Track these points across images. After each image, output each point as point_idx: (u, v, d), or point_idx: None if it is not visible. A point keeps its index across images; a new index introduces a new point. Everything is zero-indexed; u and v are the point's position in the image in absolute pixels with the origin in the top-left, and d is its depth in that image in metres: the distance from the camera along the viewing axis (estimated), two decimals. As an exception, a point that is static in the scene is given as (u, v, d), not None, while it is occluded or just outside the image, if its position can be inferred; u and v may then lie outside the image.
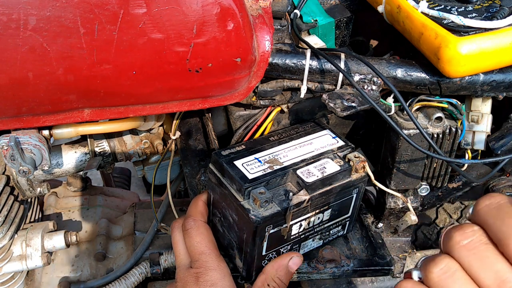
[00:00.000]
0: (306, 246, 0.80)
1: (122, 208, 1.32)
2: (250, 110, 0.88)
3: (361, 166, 0.75)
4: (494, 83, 0.77)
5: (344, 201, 0.78)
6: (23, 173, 0.76)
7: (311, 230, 0.77)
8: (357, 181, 0.76)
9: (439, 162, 0.87)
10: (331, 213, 0.77)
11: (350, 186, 0.76)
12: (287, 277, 0.72)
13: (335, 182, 0.74)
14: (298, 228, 0.74)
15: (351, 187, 0.76)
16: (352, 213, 0.81)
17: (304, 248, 0.80)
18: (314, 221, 0.76)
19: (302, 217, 0.73)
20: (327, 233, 0.81)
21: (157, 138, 1.02)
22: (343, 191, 0.76)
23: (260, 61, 0.73)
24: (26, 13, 0.60)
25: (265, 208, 0.68)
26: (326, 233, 0.81)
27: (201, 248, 0.74)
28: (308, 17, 0.87)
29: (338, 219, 0.80)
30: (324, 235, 0.81)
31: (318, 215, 0.75)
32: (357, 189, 0.77)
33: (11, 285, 1.05)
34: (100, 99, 0.71)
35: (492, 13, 0.75)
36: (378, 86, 0.77)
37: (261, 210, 0.67)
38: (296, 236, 0.75)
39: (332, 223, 0.80)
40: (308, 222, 0.75)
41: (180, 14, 0.63)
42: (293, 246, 0.77)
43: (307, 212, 0.72)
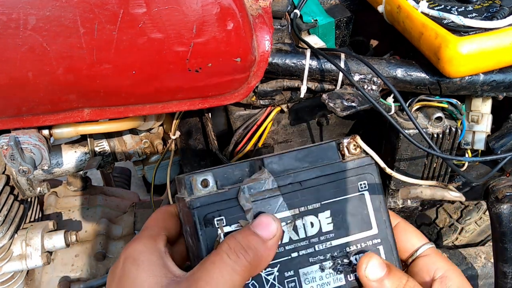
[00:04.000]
0: (310, 277, 0.55)
1: (122, 208, 1.32)
2: (250, 110, 0.88)
3: (352, 144, 0.57)
4: (494, 83, 0.77)
5: (350, 202, 0.57)
6: (23, 173, 0.76)
7: (308, 246, 0.55)
8: (355, 166, 0.57)
9: (439, 162, 0.87)
10: (334, 220, 0.56)
11: (347, 175, 0.57)
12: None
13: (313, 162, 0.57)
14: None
15: (350, 177, 0.57)
16: (381, 230, 0.57)
17: (309, 281, 0.54)
18: (306, 228, 0.55)
19: (277, 214, 0.54)
20: (347, 260, 0.56)
21: (157, 138, 1.02)
22: (339, 183, 0.56)
23: (260, 61, 0.73)
24: (26, 12, 0.60)
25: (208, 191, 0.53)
26: (343, 259, 0.56)
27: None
28: (308, 17, 0.87)
29: (354, 235, 0.56)
30: (342, 263, 0.56)
31: (307, 217, 0.55)
32: (364, 182, 0.57)
33: (11, 285, 1.05)
34: (100, 99, 0.71)
35: (492, 13, 0.75)
36: (378, 86, 0.77)
37: (201, 193, 0.53)
38: (281, 250, 0.54)
39: (346, 240, 0.56)
40: (293, 226, 0.55)
41: (180, 14, 0.63)
42: (284, 270, 0.54)
43: (282, 206, 0.55)
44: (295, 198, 0.55)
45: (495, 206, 0.94)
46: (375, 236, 0.57)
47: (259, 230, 0.51)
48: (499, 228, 0.94)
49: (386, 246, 0.57)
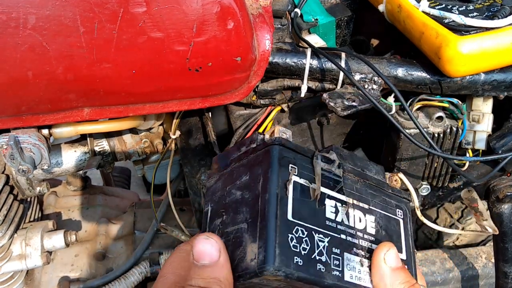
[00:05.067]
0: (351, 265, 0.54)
1: (122, 208, 1.32)
2: (250, 110, 0.87)
3: (394, 178, 0.63)
4: (495, 83, 0.77)
5: (390, 220, 0.60)
6: (22, 172, 0.76)
7: (354, 236, 0.56)
8: (397, 194, 0.63)
9: (439, 161, 0.87)
10: (376, 227, 0.58)
11: (390, 197, 0.62)
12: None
13: (368, 170, 0.62)
14: (334, 212, 0.56)
15: (392, 200, 0.62)
16: (408, 257, 0.60)
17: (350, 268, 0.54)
18: (355, 220, 0.57)
19: (336, 193, 0.57)
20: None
21: (157, 137, 1.02)
22: (384, 199, 0.61)
23: (260, 60, 0.73)
24: (26, 12, 0.59)
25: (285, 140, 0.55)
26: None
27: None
28: (309, 16, 0.87)
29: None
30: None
31: (358, 212, 0.58)
32: (401, 211, 0.62)
33: (11, 285, 1.05)
34: (100, 98, 0.70)
35: (493, 12, 0.75)
36: (378, 85, 0.77)
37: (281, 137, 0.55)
38: (334, 225, 0.55)
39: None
40: (346, 212, 0.56)
41: (180, 13, 0.63)
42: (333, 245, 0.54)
43: (341, 190, 0.57)
44: (352, 190, 0.58)
45: (496, 206, 0.94)
46: (404, 261, 0.59)
47: (203, 259, 0.50)
48: (500, 228, 0.93)
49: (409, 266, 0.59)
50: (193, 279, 0.50)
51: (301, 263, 0.50)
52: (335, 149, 0.59)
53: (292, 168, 0.54)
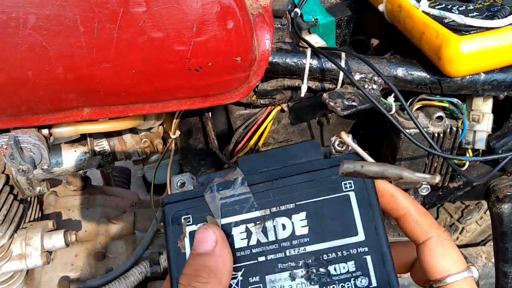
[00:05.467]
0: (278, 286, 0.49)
1: (122, 208, 1.32)
2: (250, 109, 0.87)
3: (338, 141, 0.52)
4: (495, 83, 0.77)
5: (331, 203, 0.51)
6: (22, 172, 0.76)
7: (278, 250, 0.50)
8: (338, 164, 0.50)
9: (440, 161, 0.87)
10: (311, 223, 0.50)
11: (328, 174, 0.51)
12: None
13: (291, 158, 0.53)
14: (246, 237, 0.51)
15: (332, 176, 0.51)
16: (370, 236, 0.49)
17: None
18: (277, 230, 0.51)
19: (245, 214, 0.51)
20: (323, 270, 0.49)
21: (157, 137, 1.02)
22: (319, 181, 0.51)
23: (260, 60, 0.73)
24: (26, 11, 0.59)
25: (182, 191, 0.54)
26: (319, 268, 0.49)
27: None
28: (309, 16, 0.87)
29: (334, 241, 0.50)
30: (317, 273, 0.49)
31: (279, 219, 0.51)
32: (350, 181, 0.51)
33: (11, 284, 1.05)
34: (100, 98, 0.70)
35: (493, 12, 0.75)
36: (378, 85, 0.77)
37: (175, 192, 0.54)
38: (247, 253, 0.50)
39: (324, 246, 0.50)
40: (262, 228, 0.51)
41: (180, 12, 0.63)
42: (249, 276, 0.50)
43: (252, 207, 0.52)
44: (267, 198, 0.52)
45: (496, 205, 0.94)
46: (362, 244, 0.49)
47: (199, 248, 0.49)
48: (500, 228, 0.93)
49: (375, 256, 0.49)
50: (187, 267, 0.49)
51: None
52: (240, 162, 0.54)
53: (185, 219, 0.52)
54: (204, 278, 0.47)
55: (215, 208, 0.52)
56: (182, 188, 0.54)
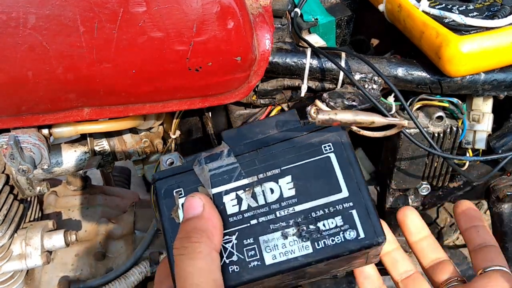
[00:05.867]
0: (271, 245, 0.52)
1: (122, 207, 1.32)
2: (250, 109, 0.87)
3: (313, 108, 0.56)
4: (495, 82, 0.77)
5: (313, 165, 0.55)
6: (22, 172, 0.76)
7: (268, 213, 0.53)
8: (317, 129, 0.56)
9: (439, 161, 0.87)
10: (297, 185, 0.54)
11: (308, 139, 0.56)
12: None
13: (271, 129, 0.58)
14: (237, 203, 0.54)
15: (311, 140, 0.56)
16: (353, 192, 0.53)
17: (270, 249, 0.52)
18: (266, 194, 0.54)
19: (234, 182, 0.55)
20: (313, 226, 0.52)
21: (157, 137, 1.02)
22: (299, 147, 0.55)
23: (260, 60, 0.73)
24: (26, 11, 0.59)
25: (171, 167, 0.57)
26: (309, 225, 0.53)
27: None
28: (309, 15, 0.87)
29: (320, 199, 0.53)
30: (307, 230, 0.52)
31: (266, 184, 0.54)
32: (328, 144, 0.55)
33: (11, 284, 1.05)
34: (100, 98, 0.70)
35: (493, 12, 0.75)
36: (378, 85, 0.77)
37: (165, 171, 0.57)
38: (239, 218, 0.54)
39: (312, 205, 0.53)
40: (252, 194, 0.54)
41: (180, 12, 0.63)
42: (243, 238, 0.53)
43: (240, 175, 0.55)
44: (253, 166, 0.55)
45: (496, 205, 0.94)
46: (346, 200, 0.53)
47: (188, 214, 0.52)
48: (500, 228, 0.93)
49: (360, 209, 0.52)
50: (179, 232, 0.52)
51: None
52: (225, 135, 0.59)
53: (176, 192, 0.55)
54: (195, 238, 0.50)
55: (205, 179, 0.55)
56: (171, 166, 0.57)
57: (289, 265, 0.51)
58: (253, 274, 0.51)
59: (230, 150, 0.56)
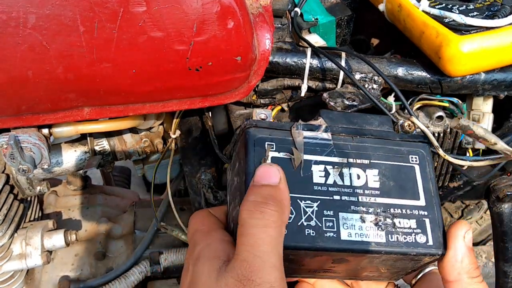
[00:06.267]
0: (349, 224, 0.54)
1: (122, 207, 1.32)
2: (251, 109, 0.87)
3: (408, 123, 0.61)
4: (495, 82, 0.77)
5: (400, 169, 0.58)
6: (22, 172, 0.76)
7: (351, 194, 0.56)
8: (408, 139, 0.61)
9: (440, 161, 0.87)
10: (382, 180, 0.57)
11: (399, 145, 0.60)
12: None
13: (368, 124, 0.61)
14: (324, 176, 0.56)
15: (402, 148, 0.59)
16: (429, 203, 0.57)
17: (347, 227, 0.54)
18: (352, 177, 0.57)
19: (325, 157, 0.57)
20: (390, 221, 0.55)
21: (157, 137, 1.02)
22: (391, 149, 0.59)
23: (260, 60, 0.73)
24: (26, 11, 0.59)
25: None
26: (386, 218, 0.55)
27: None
28: (309, 15, 0.87)
29: (400, 199, 0.57)
30: (384, 222, 0.55)
31: (356, 169, 0.57)
32: (416, 156, 0.59)
33: (11, 284, 1.05)
34: (100, 98, 0.70)
35: (493, 11, 0.75)
36: (379, 85, 0.77)
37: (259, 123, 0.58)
38: (324, 189, 0.56)
39: (391, 202, 0.56)
40: (339, 172, 0.56)
41: (180, 12, 0.62)
42: (324, 208, 0.54)
43: (331, 152, 0.57)
44: (346, 149, 0.58)
45: (496, 205, 0.94)
46: (422, 208, 0.57)
47: (265, 180, 0.52)
48: (500, 228, 0.93)
49: (432, 221, 0.56)
50: (251, 195, 0.51)
51: (286, 233, 0.51)
52: (323, 114, 0.61)
53: (269, 145, 0.56)
54: (272, 205, 0.49)
55: (299, 143, 0.57)
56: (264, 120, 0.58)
57: (362, 247, 0.53)
58: (327, 243, 0.53)
59: (328, 127, 0.59)
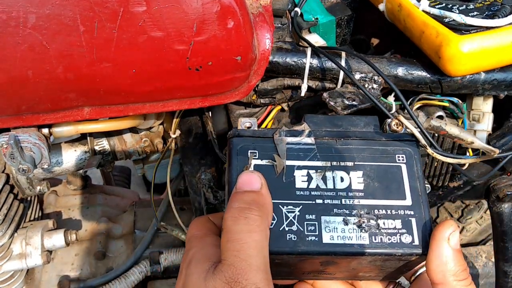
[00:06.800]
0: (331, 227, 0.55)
1: (122, 207, 1.32)
2: (251, 109, 0.87)
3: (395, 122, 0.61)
4: (495, 82, 0.77)
5: (385, 169, 0.58)
6: (22, 172, 0.76)
7: (334, 197, 0.56)
8: (395, 139, 0.60)
9: (439, 160, 0.87)
10: (366, 181, 0.57)
11: (385, 145, 0.59)
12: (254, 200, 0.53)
13: (353, 126, 0.61)
14: (307, 180, 0.57)
15: (388, 147, 0.59)
16: (416, 203, 0.57)
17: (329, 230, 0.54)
18: (336, 180, 0.57)
19: (308, 161, 0.58)
20: (374, 222, 0.55)
21: (157, 137, 1.02)
22: (376, 149, 0.59)
23: (260, 60, 0.73)
24: (26, 11, 0.59)
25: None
26: (370, 220, 0.55)
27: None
28: (309, 15, 0.87)
29: (385, 200, 0.56)
30: (367, 223, 0.55)
31: (340, 172, 0.57)
32: (402, 155, 0.59)
33: (11, 284, 1.05)
34: (100, 98, 0.70)
35: (493, 11, 0.75)
36: (379, 84, 0.77)
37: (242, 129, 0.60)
38: (306, 193, 0.56)
39: (376, 203, 0.56)
40: (322, 176, 0.57)
41: (180, 12, 0.62)
42: (306, 213, 0.55)
43: (314, 157, 0.58)
44: (329, 152, 0.58)
45: (496, 205, 0.94)
46: (408, 208, 0.56)
47: (247, 187, 0.53)
48: (500, 227, 0.93)
49: (419, 220, 0.56)
50: (235, 202, 0.52)
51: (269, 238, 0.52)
52: (307, 118, 0.61)
53: (251, 153, 0.58)
54: (256, 211, 0.51)
55: (282, 149, 0.58)
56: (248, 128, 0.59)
57: (344, 249, 0.54)
58: (309, 247, 0.54)
59: (311, 132, 0.59)
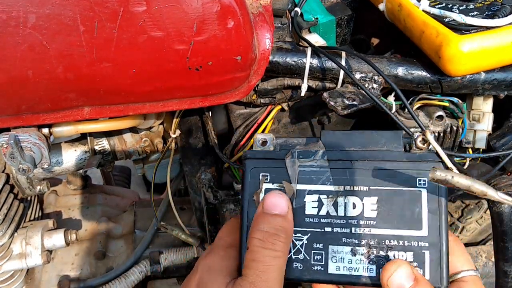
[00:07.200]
0: (338, 257, 0.53)
1: (122, 207, 1.32)
2: (251, 109, 0.87)
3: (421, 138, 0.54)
4: (496, 82, 0.77)
5: (403, 195, 0.53)
6: (22, 171, 0.76)
7: (344, 225, 0.54)
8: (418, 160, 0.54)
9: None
10: (380, 208, 0.53)
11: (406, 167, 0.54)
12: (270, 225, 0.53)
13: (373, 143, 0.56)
14: (317, 206, 0.55)
15: (409, 169, 0.54)
16: (433, 234, 0.52)
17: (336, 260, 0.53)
18: (347, 207, 0.54)
19: (320, 185, 0.55)
20: (383, 253, 0.53)
21: (157, 137, 1.02)
22: (394, 172, 0.54)
23: (260, 59, 0.73)
24: (26, 11, 0.59)
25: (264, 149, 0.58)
26: (380, 251, 0.53)
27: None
28: (309, 15, 0.87)
29: (398, 230, 0.53)
30: (376, 255, 0.53)
31: (351, 197, 0.54)
32: (425, 179, 0.53)
33: (11, 284, 1.05)
34: (100, 97, 0.70)
35: (493, 11, 0.75)
36: (379, 84, 0.77)
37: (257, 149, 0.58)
38: (316, 221, 0.54)
39: (388, 233, 0.53)
40: (334, 202, 0.54)
41: (180, 12, 0.62)
42: (313, 241, 0.54)
43: (327, 180, 0.55)
44: (343, 176, 0.55)
45: (496, 205, 0.93)
46: (423, 239, 0.52)
47: (275, 210, 0.53)
48: (500, 227, 0.93)
49: (434, 253, 0.52)
50: (262, 224, 0.53)
51: None
52: (324, 135, 0.58)
53: (263, 176, 0.56)
54: (283, 237, 0.52)
55: (293, 173, 0.56)
56: (264, 146, 0.58)
57: (350, 280, 0.53)
58: (314, 276, 0.54)
59: (325, 153, 0.56)
